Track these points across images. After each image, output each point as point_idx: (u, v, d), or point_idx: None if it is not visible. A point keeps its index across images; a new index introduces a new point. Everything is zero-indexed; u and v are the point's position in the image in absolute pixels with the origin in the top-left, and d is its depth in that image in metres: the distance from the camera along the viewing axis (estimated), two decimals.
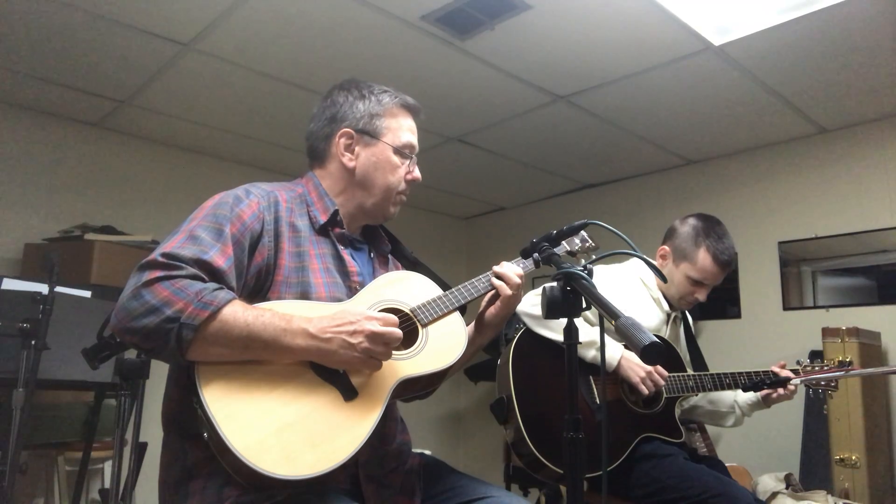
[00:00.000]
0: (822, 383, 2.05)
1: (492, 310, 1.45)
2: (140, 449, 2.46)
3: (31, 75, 3.00)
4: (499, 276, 1.42)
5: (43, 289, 2.11)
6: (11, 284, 2.32)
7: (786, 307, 3.56)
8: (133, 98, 3.23)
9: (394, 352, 1.21)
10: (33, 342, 2.06)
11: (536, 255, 1.37)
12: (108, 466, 3.03)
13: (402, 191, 1.42)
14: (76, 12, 2.48)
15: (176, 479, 1.15)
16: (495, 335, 1.50)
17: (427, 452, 1.48)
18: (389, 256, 1.51)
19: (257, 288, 1.22)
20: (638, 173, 4.28)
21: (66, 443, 2.76)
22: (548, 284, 1.16)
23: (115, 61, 2.86)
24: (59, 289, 2.14)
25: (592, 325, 2.01)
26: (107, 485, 2.66)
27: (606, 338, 1.60)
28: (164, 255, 1.09)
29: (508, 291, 1.40)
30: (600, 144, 3.78)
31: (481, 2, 2.40)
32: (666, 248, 2.13)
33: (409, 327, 1.28)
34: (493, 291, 1.43)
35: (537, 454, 1.75)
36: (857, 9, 2.37)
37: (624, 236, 1.27)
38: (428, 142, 3.73)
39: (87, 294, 2.48)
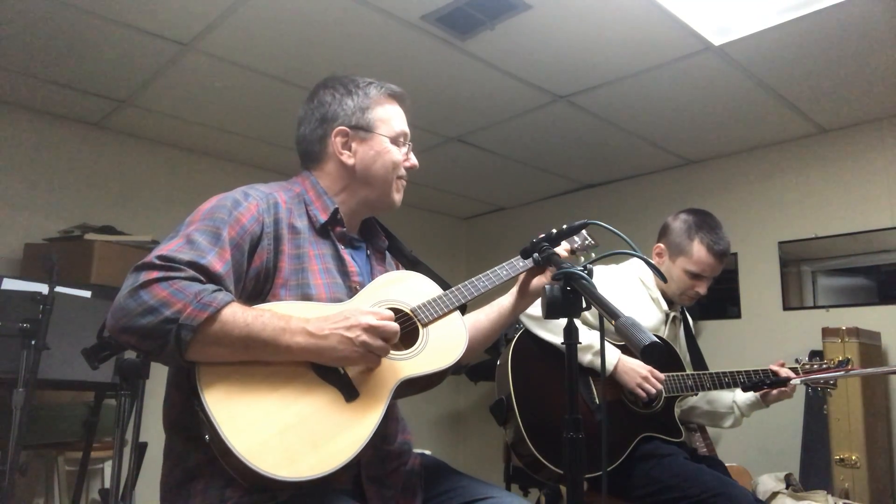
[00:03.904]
0: (821, 382, 2.06)
1: (542, 279, 1.45)
2: (140, 449, 2.46)
3: (31, 75, 3.00)
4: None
5: (43, 289, 2.11)
6: (11, 284, 2.32)
7: (786, 307, 3.56)
8: (133, 98, 3.23)
9: (395, 352, 1.21)
10: (33, 342, 2.06)
11: (536, 255, 1.37)
12: (108, 466, 3.03)
13: (402, 176, 1.43)
14: (76, 12, 2.48)
15: (178, 481, 1.15)
16: (535, 301, 1.52)
17: (427, 452, 1.48)
18: (387, 253, 1.51)
19: (256, 291, 1.21)
20: (638, 173, 4.28)
21: (66, 443, 2.76)
22: (548, 284, 1.16)
23: (115, 61, 2.86)
24: (59, 289, 2.14)
25: (591, 326, 2.01)
26: (107, 485, 2.65)
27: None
28: (160, 257, 1.08)
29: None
30: (600, 144, 3.78)
31: (481, 2, 2.40)
32: (661, 245, 2.14)
33: (410, 327, 1.28)
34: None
35: (537, 455, 1.75)
36: (856, 9, 2.37)
37: (624, 236, 1.27)
38: (428, 142, 3.73)
39: (87, 294, 2.48)
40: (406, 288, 1.35)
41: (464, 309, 1.39)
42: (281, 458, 1.03)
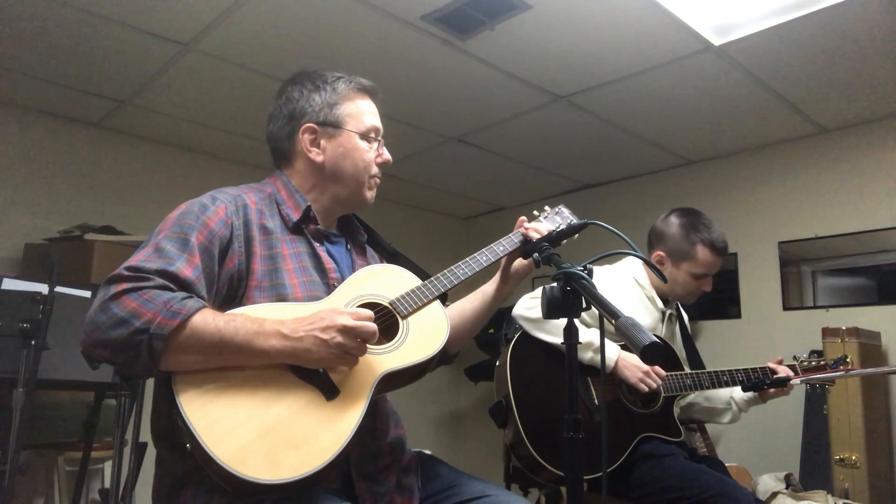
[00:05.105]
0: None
1: (522, 261, 1.44)
2: (140, 449, 2.46)
3: (31, 75, 3.00)
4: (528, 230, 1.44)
5: (43, 289, 2.11)
6: (11, 284, 2.32)
7: (786, 307, 3.56)
8: (133, 98, 3.23)
9: (375, 346, 1.19)
10: (33, 342, 2.06)
11: (536, 255, 1.36)
12: (108, 466, 3.03)
13: (374, 174, 1.40)
14: (76, 12, 2.48)
15: (167, 490, 1.14)
16: (517, 285, 1.50)
17: (427, 452, 1.47)
18: (367, 247, 1.49)
19: (231, 295, 1.20)
20: (638, 173, 4.28)
21: (66, 443, 2.76)
22: (548, 285, 1.16)
23: (115, 61, 2.86)
24: (59, 289, 2.14)
25: (588, 326, 2.00)
26: (107, 485, 2.65)
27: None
28: (129, 268, 1.08)
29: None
30: (600, 144, 3.78)
31: (481, 2, 2.40)
32: (661, 253, 2.12)
33: (390, 320, 1.26)
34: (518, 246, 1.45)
35: (536, 456, 1.75)
36: (856, 9, 2.37)
37: (624, 236, 1.27)
38: (428, 142, 3.73)
39: (87, 294, 2.47)
40: (384, 281, 1.33)
41: (444, 298, 1.37)
42: (263, 462, 1.02)
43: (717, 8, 2.43)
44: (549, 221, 1.55)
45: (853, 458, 2.75)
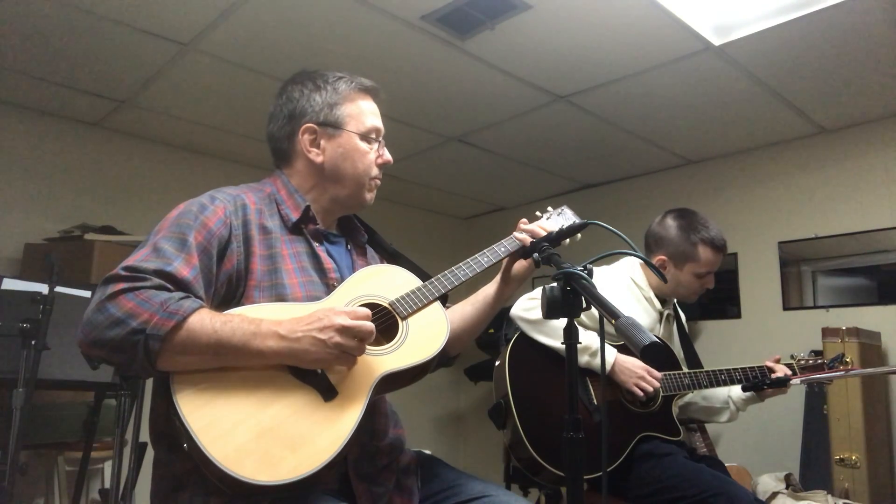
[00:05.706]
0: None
1: (524, 263, 1.43)
2: (140, 449, 2.46)
3: (31, 75, 3.00)
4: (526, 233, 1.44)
5: (43, 289, 2.11)
6: (11, 284, 2.32)
7: (786, 307, 3.56)
8: (133, 98, 3.23)
9: (375, 347, 1.19)
10: (33, 342, 2.06)
11: (536, 255, 1.36)
12: (108, 466, 3.03)
13: (374, 176, 1.39)
14: (76, 12, 2.48)
15: (165, 491, 1.14)
16: (519, 287, 1.49)
17: (428, 452, 1.47)
18: (367, 247, 1.49)
19: (229, 295, 1.19)
20: (638, 173, 4.28)
21: (66, 443, 2.76)
22: (548, 285, 1.16)
23: (115, 61, 2.86)
24: (59, 289, 2.14)
25: (585, 327, 2.00)
26: (107, 485, 2.66)
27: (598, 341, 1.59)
28: (126, 268, 1.07)
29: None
30: (600, 144, 3.78)
31: (481, 2, 2.40)
32: (662, 257, 2.11)
33: (389, 321, 1.26)
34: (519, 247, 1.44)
35: (536, 456, 1.75)
36: (857, 9, 2.37)
37: (624, 236, 1.27)
38: (428, 142, 3.73)
39: (87, 294, 2.47)
40: (384, 281, 1.32)
41: (445, 299, 1.37)
42: (259, 463, 1.02)
43: (717, 8, 2.43)
44: (551, 222, 1.55)
45: (853, 458, 2.75)
